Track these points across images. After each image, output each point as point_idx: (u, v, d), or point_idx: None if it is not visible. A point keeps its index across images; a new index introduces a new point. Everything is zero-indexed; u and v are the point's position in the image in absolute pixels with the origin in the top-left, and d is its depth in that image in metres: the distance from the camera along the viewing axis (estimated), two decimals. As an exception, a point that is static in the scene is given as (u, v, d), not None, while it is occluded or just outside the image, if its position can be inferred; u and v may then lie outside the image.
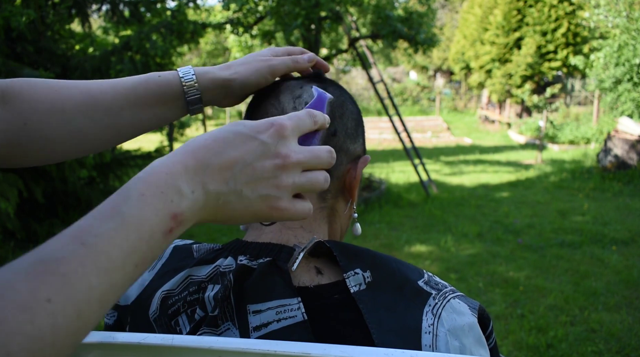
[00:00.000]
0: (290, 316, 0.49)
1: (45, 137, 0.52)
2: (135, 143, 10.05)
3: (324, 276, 0.53)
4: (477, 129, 15.74)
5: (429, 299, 0.52)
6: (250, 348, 0.43)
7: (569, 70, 14.04)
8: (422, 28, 6.59)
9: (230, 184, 0.39)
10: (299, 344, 0.43)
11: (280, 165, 0.41)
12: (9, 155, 0.52)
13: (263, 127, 0.42)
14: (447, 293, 0.54)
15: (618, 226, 4.83)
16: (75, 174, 3.84)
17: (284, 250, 0.52)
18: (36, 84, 0.53)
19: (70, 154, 0.56)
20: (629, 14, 8.20)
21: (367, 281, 0.52)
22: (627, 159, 7.04)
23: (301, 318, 0.48)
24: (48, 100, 0.52)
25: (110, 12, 4.63)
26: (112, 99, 0.54)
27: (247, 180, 0.40)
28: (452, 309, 0.52)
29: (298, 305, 0.49)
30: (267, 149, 0.41)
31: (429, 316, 0.51)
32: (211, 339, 0.45)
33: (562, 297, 3.28)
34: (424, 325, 0.50)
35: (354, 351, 0.42)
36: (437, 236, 4.71)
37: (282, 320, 0.48)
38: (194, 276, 0.57)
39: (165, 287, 0.57)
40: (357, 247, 0.55)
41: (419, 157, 6.77)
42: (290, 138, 0.43)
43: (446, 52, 20.19)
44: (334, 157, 0.46)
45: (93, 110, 0.54)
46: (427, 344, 0.49)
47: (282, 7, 5.80)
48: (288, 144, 0.42)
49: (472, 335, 0.51)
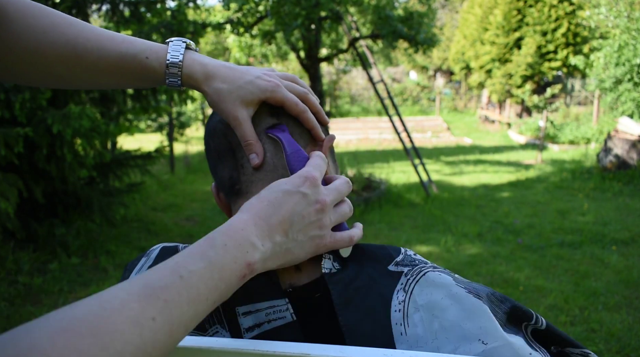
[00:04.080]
0: (280, 317, 0.49)
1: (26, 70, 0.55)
2: (135, 143, 10.05)
3: (303, 273, 0.53)
4: (477, 129, 15.73)
5: (401, 278, 0.52)
6: (250, 349, 0.44)
7: (569, 70, 14.03)
8: (422, 28, 6.59)
9: (289, 235, 0.47)
10: (299, 344, 0.44)
11: (320, 208, 0.49)
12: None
13: (300, 182, 0.49)
14: (425, 268, 0.53)
15: (618, 226, 4.83)
16: (75, 174, 3.84)
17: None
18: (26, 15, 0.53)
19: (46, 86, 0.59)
20: (629, 14, 8.19)
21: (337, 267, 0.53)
22: (628, 159, 7.04)
23: (290, 319, 0.49)
24: (34, 39, 0.53)
25: (110, 12, 4.63)
26: (95, 60, 0.54)
27: (300, 228, 0.48)
28: (427, 283, 0.51)
29: (286, 306, 0.50)
30: (309, 200, 0.49)
31: (399, 294, 0.50)
32: (211, 339, 0.46)
33: (562, 297, 3.28)
34: (394, 303, 0.49)
35: (353, 351, 0.42)
36: (437, 236, 4.71)
37: (272, 321, 0.49)
38: None
39: None
40: None
41: (419, 157, 6.77)
42: (320, 185, 0.50)
43: (446, 52, 20.18)
44: (351, 185, 0.54)
45: (74, 65, 0.54)
46: (397, 322, 0.48)
47: (282, 7, 5.79)
48: (320, 191, 0.50)
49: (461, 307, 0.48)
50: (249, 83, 0.54)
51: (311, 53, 6.86)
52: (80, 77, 0.56)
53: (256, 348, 0.43)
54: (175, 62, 0.54)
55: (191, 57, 0.55)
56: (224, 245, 0.41)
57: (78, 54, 0.54)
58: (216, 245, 0.41)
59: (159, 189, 7.04)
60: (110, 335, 0.31)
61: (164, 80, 0.55)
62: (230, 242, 0.42)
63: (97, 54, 0.54)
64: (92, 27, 0.55)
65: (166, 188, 7.26)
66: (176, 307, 0.36)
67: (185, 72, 0.55)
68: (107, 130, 3.74)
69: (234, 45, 9.47)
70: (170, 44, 0.55)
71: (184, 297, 0.36)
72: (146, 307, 0.34)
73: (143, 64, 0.55)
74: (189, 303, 0.37)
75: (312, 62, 6.91)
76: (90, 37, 0.54)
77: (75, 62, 0.54)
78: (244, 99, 0.54)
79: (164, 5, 4.86)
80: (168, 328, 0.35)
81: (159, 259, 0.61)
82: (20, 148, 3.16)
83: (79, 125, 3.35)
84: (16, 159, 3.28)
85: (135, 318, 0.33)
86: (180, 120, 10.67)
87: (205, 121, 14.15)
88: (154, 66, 0.55)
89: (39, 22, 0.53)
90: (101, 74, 0.55)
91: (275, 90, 0.54)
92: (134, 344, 0.32)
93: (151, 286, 0.35)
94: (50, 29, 0.53)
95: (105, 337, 0.31)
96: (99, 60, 0.54)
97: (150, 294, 0.35)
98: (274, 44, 8.49)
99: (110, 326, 0.31)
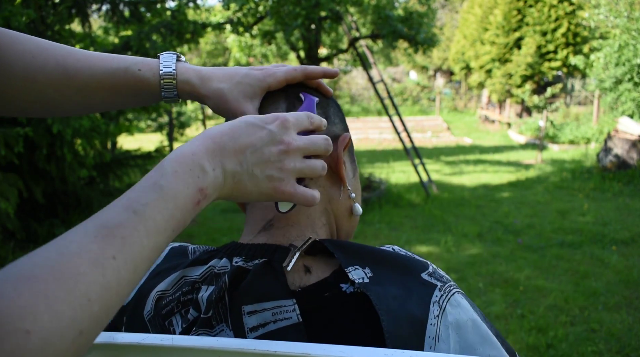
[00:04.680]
0: (285, 317, 0.49)
1: (15, 99, 0.54)
2: (135, 143, 10.05)
3: (312, 275, 0.53)
4: (477, 129, 15.74)
5: (435, 291, 0.52)
6: (250, 348, 0.44)
7: (569, 70, 14.04)
8: (422, 28, 6.59)
9: (244, 165, 0.45)
10: (299, 344, 0.44)
11: (284, 150, 0.47)
12: None
13: (270, 119, 0.48)
14: (452, 287, 0.54)
15: (618, 226, 4.83)
16: (75, 174, 3.84)
17: (279, 250, 0.52)
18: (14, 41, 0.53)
19: (38, 115, 0.58)
20: (629, 14, 8.19)
21: (369, 275, 0.51)
22: (628, 159, 7.04)
23: (296, 320, 0.48)
24: (22, 64, 0.52)
25: (110, 12, 4.63)
26: (87, 79, 0.54)
27: (257, 162, 0.46)
28: (457, 303, 0.51)
29: (293, 307, 0.49)
30: (273, 137, 0.47)
31: (435, 307, 0.50)
32: (211, 339, 0.46)
33: (562, 297, 3.28)
34: (430, 316, 0.49)
35: (354, 351, 0.42)
36: (437, 236, 4.71)
37: (278, 321, 0.49)
38: (188, 276, 0.57)
39: (159, 287, 0.57)
40: (354, 243, 0.55)
41: (419, 157, 6.77)
42: (292, 129, 0.48)
43: (446, 52, 20.18)
44: (330, 145, 0.51)
45: (65, 87, 0.54)
46: (430, 335, 0.49)
47: (282, 7, 5.80)
48: (290, 134, 0.48)
49: (477, 333, 0.50)
50: (246, 76, 0.55)
51: (311, 53, 6.86)
52: (72, 100, 0.55)
53: (257, 348, 0.43)
54: (168, 72, 0.54)
55: (184, 66, 0.55)
56: (174, 172, 0.40)
57: (69, 75, 0.53)
58: (166, 173, 0.40)
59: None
60: (74, 278, 0.31)
61: (159, 94, 0.55)
62: (181, 169, 0.41)
63: (89, 73, 0.54)
64: (79, 49, 0.55)
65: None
66: (135, 243, 0.36)
67: (180, 80, 0.54)
68: (107, 130, 3.75)
69: (233, 45, 9.48)
70: (162, 57, 0.56)
71: (141, 231, 0.36)
72: (105, 247, 0.34)
73: (136, 76, 0.54)
74: (147, 236, 0.37)
75: (312, 62, 6.91)
76: (79, 57, 0.54)
77: (66, 83, 0.54)
78: (246, 93, 0.55)
79: (164, 5, 4.86)
80: (131, 264, 0.35)
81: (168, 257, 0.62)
82: (20, 148, 3.16)
83: (78, 125, 3.35)
84: (16, 159, 3.28)
85: (95, 259, 0.33)
86: (180, 120, 10.67)
87: (205, 121, 14.16)
88: (147, 77, 0.54)
89: (26, 47, 0.53)
90: (94, 94, 0.55)
91: (272, 74, 0.56)
92: (98, 284, 0.32)
93: (106, 225, 0.35)
94: (38, 52, 0.53)
95: (69, 280, 0.31)
96: (91, 79, 0.54)
97: (107, 233, 0.34)
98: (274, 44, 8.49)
99: (73, 269, 0.31)
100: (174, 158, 0.41)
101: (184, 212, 0.40)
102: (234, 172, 0.45)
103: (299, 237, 0.55)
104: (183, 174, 0.40)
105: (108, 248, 0.34)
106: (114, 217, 0.36)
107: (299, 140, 0.48)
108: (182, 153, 0.42)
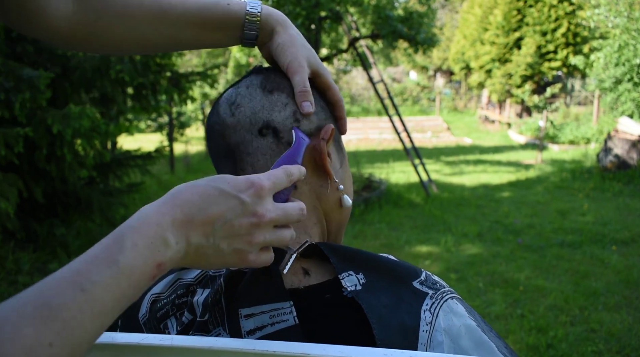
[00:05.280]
0: (283, 320, 0.49)
1: (112, 35, 0.57)
2: (135, 143, 10.04)
3: (312, 277, 0.53)
4: (477, 129, 15.73)
5: (426, 299, 0.52)
6: (249, 348, 0.44)
7: (569, 70, 14.03)
8: (422, 28, 6.59)
9: (210, 239, 0.42)
10: (298, 344, 0.44)
11: (256, 223, 0.44)
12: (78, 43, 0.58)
13: (244, 186, 0.44)
14: (445, 293, 0.54)
15: (618, 226, 4.83)
16: (75, 174, 3.84)
17: (275, 253, 0.52)
18: None
19: (130, 52, 0.61)
20: (629, 14, 8.19)
21: (362, 282, 0.52)
22: (628, 159, 7.04)
23: (293, 322, 0.49)
24: (121, 2, 0.56)
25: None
26: (180, 15, 0.58)
27: (225, 235, 0.43)
28: (450, 309, 0.52)
29: (290, 309, 0.49)
30: (245, 209, 0.44)
31: (426, 314, 0.51)
32: (210, 340, 0.46)
33: (562, 297, 3.28)
34: (422, 324, 0.50)
35: (353, 351, 0.42)
36: (437, 236, 4.71)
37: (275, 324, 0.49)
38: (183, 278, 0.57)
39: (154, 290, 0.57)
40: (349, 248, 0.55)
41: (419, 157, 6.77)
42: (267, 198, 0.45)
43: (446, 52, 20.17)
44: (305, 214, 0.48)
45: (159, 22, 0.57)
46: (422, 342, 0.49)
47: (282, 7, 5.79)
48: (264, 204, 0.45)
49: (471, 338, 0.50)
50: (313, 51, 0.60)
51: (311, 53, 6.84)
52: (163, 35, 0.58)
53: (255, 348, 0.43)
54: (254, 13, 0.58)
55: (268, 8, 0.60)
56: (134, 245, 0.37)
57: (164, 9, 0.57)
58: (125, 246, 0.37)
59: (159, 189, 7.04)
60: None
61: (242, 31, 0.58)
62: (142, 241, 0.38)
63: (182, 8, 0.57)
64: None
65: (166, 188, 7.25)
66: (77, 326, 0.33)
67: (265, 13, 0.58)
68: (107, 130, 3.74)
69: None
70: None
71: (86, 313, 0.33)
72: (42, 332, 0.31)
73: (225, 10, 0.58)
74: (92, 319, 0.34)
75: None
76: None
77: (161, 18, 0.57)
78: (309, 57, 0.58)
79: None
80: (69, 350, 0.32)
81: None
82: (20, 148, 3.15)
83: (79, 126, 3.35)
84: (16, 159, 3.28)
85: (29, 347, 0.30)
86: (180, 120, 10.66)
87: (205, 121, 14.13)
88: (235, 10, 0.58)
89: None
90: (184, 28, 0.58)
91: (327, 73, 0.59)
92: None
93: (48, 305, 0.32)
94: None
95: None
96: (183, 14, 0.57)
97: (48, 315, 0.32)
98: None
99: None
100: (136, 226, 0.39)
101: (136, 289, 0.37)
102: (199, 245, 0.42)
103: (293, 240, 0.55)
104: (143, 249, 0.38)
105: (46, 333, 0.31)
106: (59, 294, 0.33)
107: (272, 212, 0.45)
108: (147, 221, 0.39)
